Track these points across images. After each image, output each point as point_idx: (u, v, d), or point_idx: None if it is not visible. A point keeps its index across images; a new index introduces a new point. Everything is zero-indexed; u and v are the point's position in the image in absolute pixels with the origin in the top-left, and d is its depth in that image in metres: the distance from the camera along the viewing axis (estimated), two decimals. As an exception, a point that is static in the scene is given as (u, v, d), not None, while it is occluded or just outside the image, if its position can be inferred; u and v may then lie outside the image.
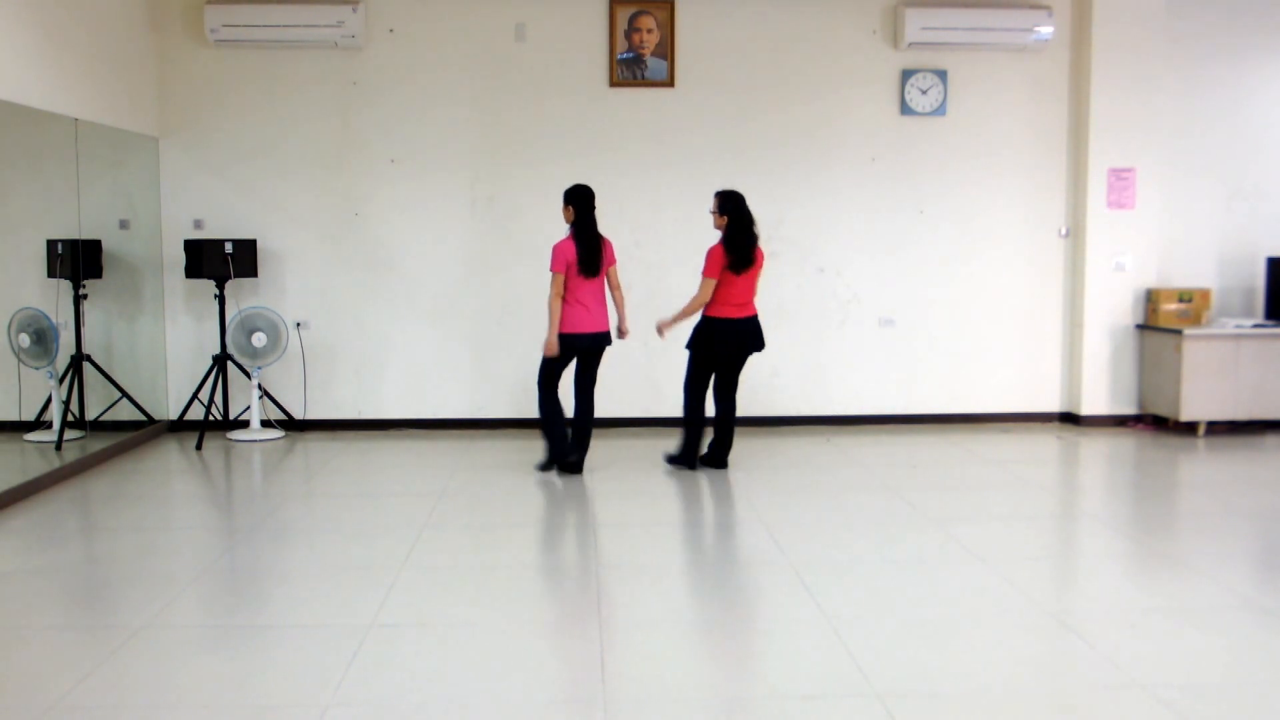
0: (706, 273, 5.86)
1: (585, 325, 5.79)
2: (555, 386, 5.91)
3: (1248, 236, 7.64)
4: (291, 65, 7.13)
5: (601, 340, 5.88)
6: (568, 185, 5.88)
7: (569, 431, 5.98)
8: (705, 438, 6.13)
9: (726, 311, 5.88)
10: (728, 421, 6.08)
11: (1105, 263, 7.41)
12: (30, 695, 3.15)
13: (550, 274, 5.77)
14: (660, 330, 6.02)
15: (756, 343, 6.00)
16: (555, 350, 5.78)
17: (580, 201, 5.80)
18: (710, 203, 5.98)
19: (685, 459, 6.10)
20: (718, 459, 6.11)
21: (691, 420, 6.06)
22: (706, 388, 6.04)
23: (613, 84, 7.23)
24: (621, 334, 6.04)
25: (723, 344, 5.92)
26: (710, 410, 6.09)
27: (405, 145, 7.20)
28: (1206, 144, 7.54)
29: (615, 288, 5.97)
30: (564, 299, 5.75)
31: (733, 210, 5.85)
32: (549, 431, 5.97)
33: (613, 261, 5.94)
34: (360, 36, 6.97)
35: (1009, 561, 4.43)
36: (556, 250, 5.76)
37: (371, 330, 7.31)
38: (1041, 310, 7.58)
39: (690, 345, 6.01)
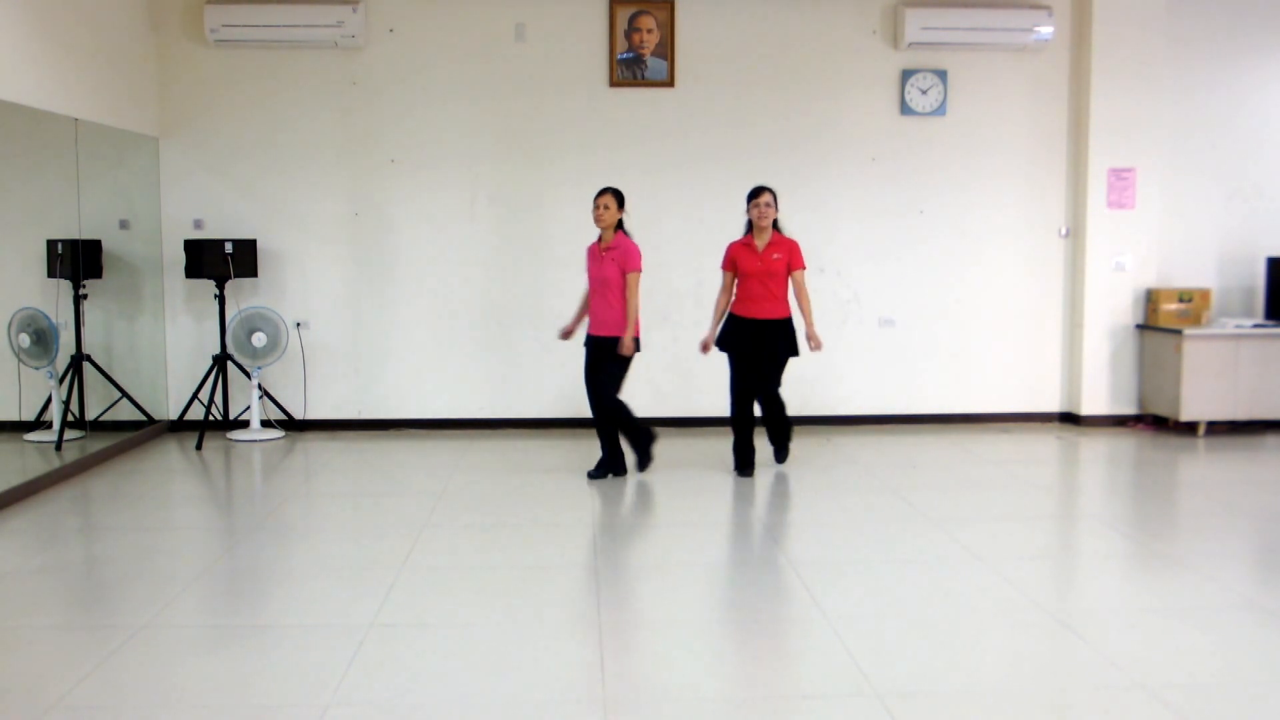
0: (803, 264, 5.84)
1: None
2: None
3: (1248, 236, 7.64)
4: (291, 65, 7.13)
5: None
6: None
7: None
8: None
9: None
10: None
11: (1105, 263, 7.41)
12: (30, 695, 3.15)
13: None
14: (817, 342, 5.90)
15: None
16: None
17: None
18: (759, 196, 5.76)
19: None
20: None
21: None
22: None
23: (613, 84, 7.22)
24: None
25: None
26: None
27: (405, 145, 7.20)
28: (1206, 144, 7.54)
29: None
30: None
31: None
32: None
33: None
34: (360, 36, 6.97)
35: (1009, 561, 4.43)
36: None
37: (371, 330, 7.31)
38: (1041, 310, 7.58)
39: (792, 350, 5.95)
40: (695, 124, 7.28)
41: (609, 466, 5.92)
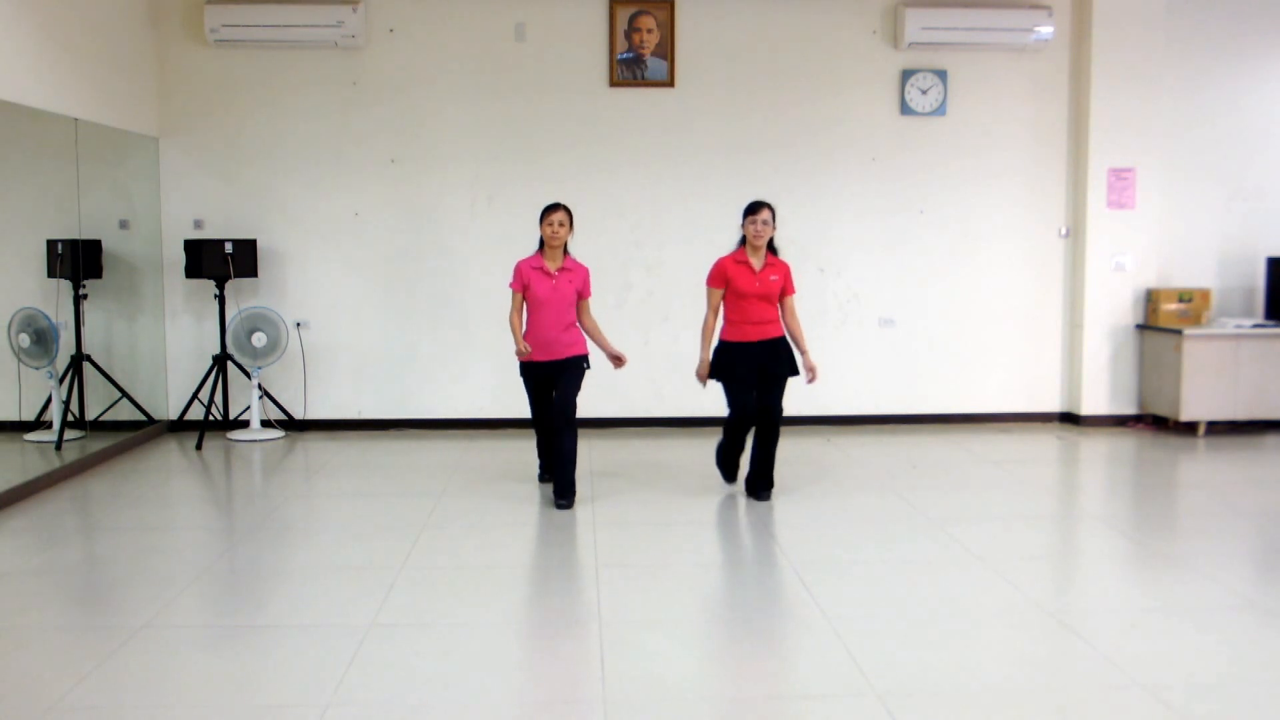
0: (794, 289, 5.53)
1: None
2: None
3: (1248, 236, 7.64)
4: (291, 65, 7.13)
5: None
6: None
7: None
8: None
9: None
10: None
11: (1105, 263, 7.41)
12: (30, 695, 3.15)
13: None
14: (814, 374, 5.49)
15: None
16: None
17: None
18: (757, 213, 5.27)
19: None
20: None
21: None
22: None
23: (613, 84, 7.22)
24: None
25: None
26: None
27: (405, 145, 7.20)
28: (1206, 144, 7.54)
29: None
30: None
31: None
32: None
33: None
34: (360, 36, 6.97)
35: (1009, 561, 4.43)
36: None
37: (371, 330, 7.31)
38: (1041, 310, 7.58)
39: (794, 369, 5.47)
40: (695, 124, 7.27)
41: (571, 488, 5.38)
